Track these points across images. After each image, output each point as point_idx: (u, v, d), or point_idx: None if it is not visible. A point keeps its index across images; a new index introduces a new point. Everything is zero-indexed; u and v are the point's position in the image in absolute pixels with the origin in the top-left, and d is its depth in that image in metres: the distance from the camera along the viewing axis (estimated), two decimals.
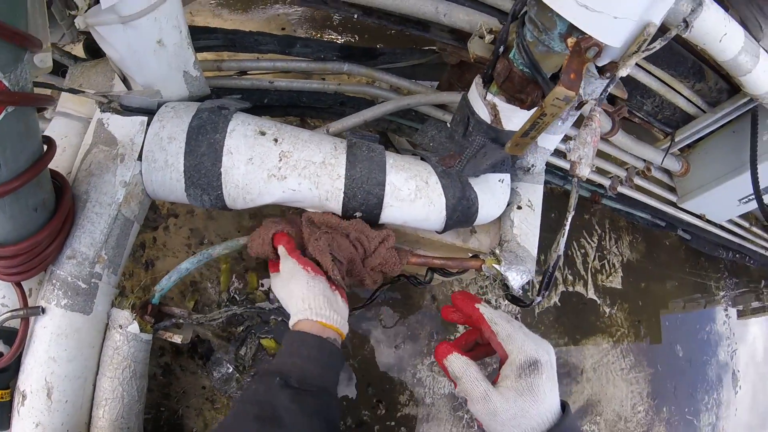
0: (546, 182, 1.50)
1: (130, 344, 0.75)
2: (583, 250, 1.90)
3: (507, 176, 0.89)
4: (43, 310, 0.72)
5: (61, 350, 0.71)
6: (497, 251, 0.88)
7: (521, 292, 0.93)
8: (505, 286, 0.91)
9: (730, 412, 2.46)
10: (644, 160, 1.47)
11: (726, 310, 2.57)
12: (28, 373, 0.71)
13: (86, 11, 0.68)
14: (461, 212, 0.81)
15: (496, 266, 0.87)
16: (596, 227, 1.97)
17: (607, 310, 1.92)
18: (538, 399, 0.53)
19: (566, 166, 1.41)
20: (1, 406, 0.72)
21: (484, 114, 0.77)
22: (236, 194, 0.78)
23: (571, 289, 1.82)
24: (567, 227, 0.73)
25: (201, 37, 1.00)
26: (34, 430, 0.69)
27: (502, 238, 0.95)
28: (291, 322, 0.69)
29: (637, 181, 1.53)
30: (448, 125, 0.87)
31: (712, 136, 1.50)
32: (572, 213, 0.74)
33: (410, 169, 0.79)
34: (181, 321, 0.79)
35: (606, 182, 1.52)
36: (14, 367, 0.73)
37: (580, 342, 1.81)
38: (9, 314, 0.71)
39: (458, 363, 0.57)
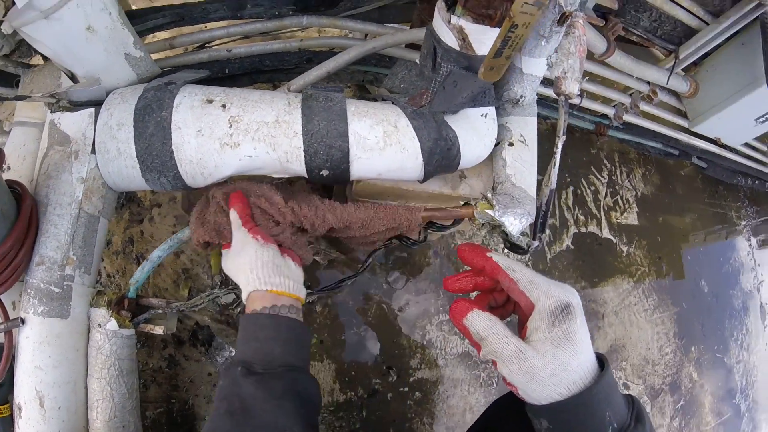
0: (544, 117, 1.36)
1: (111, 342, 0.70)
2: (593, 187, 1.71)
3: (491, 110, 0.76)
4: (23, 321, 0.68)
5: (46, 358, 0.67)
6: (489, 195, 0.77)
7: (521, 238, 0.82)
8: (504, 233, 0.80)
9: (760, 345, 2.27)
10: (648, 83, 1.30)
11: (749, 240, 2.34)
12: (20, 385, 0.68)
13: (4, 15, 0.63)
14: (440, 155, 0.69)
15: (489, 211, 0.75)
16: (605, 161, 1.76)
17: (625, 248, 1.74)
18: (577, 348, 0.44)
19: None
20: (2, 421, 0.70)
21: (451, 40, 0.64)
22: (193, 171, 0.69)
23: (584, 229, 1.64)
24: (558, 155, 0.61)
25: (148, 18, 0.89)
26: None
27: (495, 180, 0.83)
28: (243, 297, 0.63)
29: (644, 107, 1.36)
30: (418, 62, 0.75)
31: (719, 51, 1.30)
32: (562, 138, 0.61)
33: (375, 115, 0.68)
34: (160, 311, 0.72)
35: (610, 111, 1.35)
36: (8, 382, 0.70)
37: (599, 285, 1.65)
38: None
39: (481, 320, 0.47)
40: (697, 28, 1.18)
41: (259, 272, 0.61)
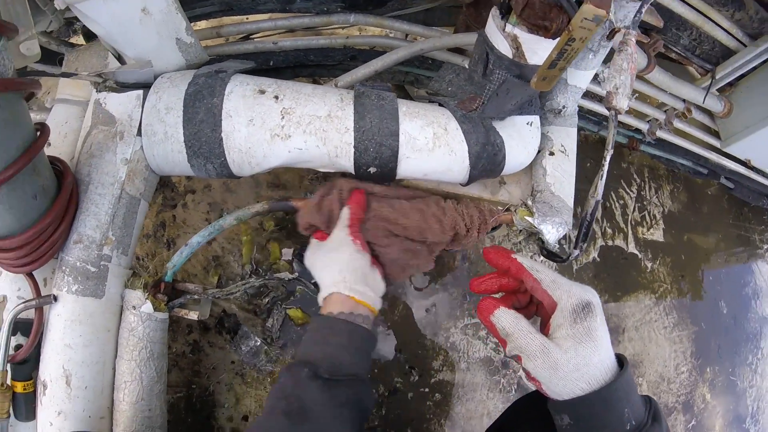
0: (579, 129, 1.34)
1: (145, 324, 0.69)
2: (621, 201, 1.68)
3: (536, 118, 0.75)
4: (56, 298, 0.67)
5: (77, 336, 0.67)
6: (529, 202, 0.76)
7: (557, 246, 0.81)
8: (540, 240, 0.79)
9: None
10: (684, 101, 1.28)
11: None
12: (47, 362, 0.67)
13: None
14: (486, 160, 0.68)
15: (529, 218, 0.74)
16: (635, 176, 1.73)
17: (649, 264, 1.70)
18: (598, 344, 0.46)
19: (601, 109, 1.24)
20: (25, 397, 0.68)
21: (505, 48, 0.64)
22: (240, 159, 0.68)
23: (610, 243, 1.62)
24: (606, 167, 0.60)
25: (196, 5, 0.90)
26: (57, 419, 0.65)
27: (534, 188, 0.82)
28: (321, 295, 0.63)
29: (677, 124, 1.34)
30: (467, 67, 0.74)
31: (755, 73, 1.29)
32: (610, 151, 0.61)
33: (426, 116, 0.67)
34: (195, 297, 0.72)
35: (644, 126, 1.34)
36: (35, 358, 0.69)
37: (622, 299, 1.63)
38: (23, 305, 0.67)
39: (508, 317, 0.49)
40: (735, 49, 1.18)
41: (348, 276, 0.61)
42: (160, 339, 0.71)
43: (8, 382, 0.67)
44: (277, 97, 0.67)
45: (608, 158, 0.62)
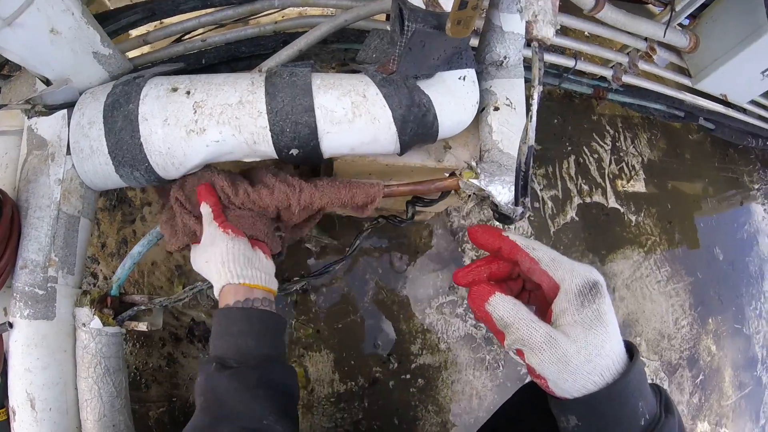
0: (549, 86, 1.27)
1: (96, 340, 0.67)
2: (596, 155, 1.58)
3: (470, 72, 0.69)
4: (11, 325, 0.66)
5: (34, 360, 0.65)
6: (473, 163, 0.70)
7: (519, 208, 0.75)
8: (495, 204, 0.74)
9: None
10: (645, 39, 1.20)
11: (764, 204, 2.18)
12: (12, 388, 0.66)
13: None
14: (414, 123, 0.63)
15: (475, 181, 0.69)
16: (607, 127, 1.63)
17: (633, 218, 1.61)
18: (609, 330, 0.38)
19: (557, 60, 1.17)
20: (1, 425, 0.68)
21: None
22: (163, 162, 0.64)
23: (588, 200, 1.53)
24: (534, 108, 0.54)
25: (120, 17, 0.86)
26: None
27: (481, 148, 0.76)
28: (216, 292, 0.60)
29: (643, 66, 1.26)
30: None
31: (717, 0, 1.21)
32: (538, 88, 0.54)
33: (342, 86, 0.61)
34: (143, 307, 0.69)
35: (607, 73, 1.26)
36: (4, 386, 0.68)
37: (608, 258, 1.53)
38: None
39: (506, 305, 0.40)
40: None
41: (231, 266, 0.59)
42: (114, 353, 0.68)
43: None
44: (188, 92, 0.63)
45: (536, 96, 0.56)
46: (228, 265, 0.58)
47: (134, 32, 0.97)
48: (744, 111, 1.59)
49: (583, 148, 1.55)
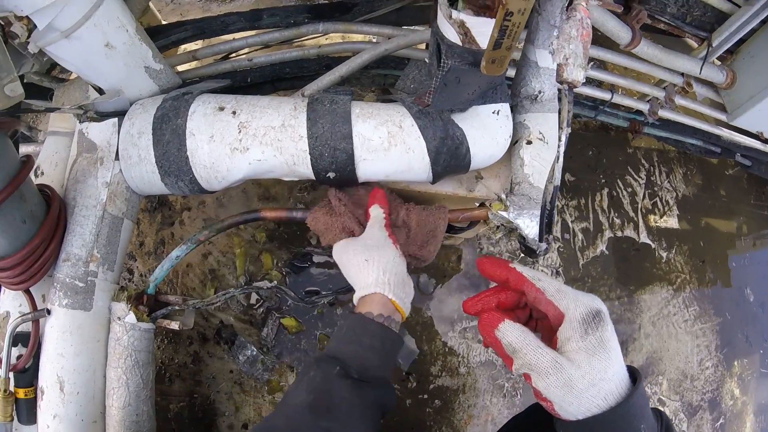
0: (576, 115, 1.27)
1: (129, 334, 0.71)
2: (629, 189, 1.56)
3: (504, 106, 0.71)
4: (49, 312, 0.72)
5: (68, 346, 0.70)
6: (503, 195, 0.72)
7: (543, 244, 0.75)
8: (522, 236, 0.75)
9: None
10: (682, 75, 1.19)
11: None
12: (43, 370, 0.71)
13: (28, 37, 0.65)
14: (448, 154, 0.65)
15: (503, 213, 0.70)
16: (643, 161, 1.60)
17: (664, 254, 1.57)
18: (612, 356, 0.41)
19: (593, 93, 1.17)
20: (27, 402, 0.73)
21: (453, 35, 0.61)
22: (207, 175, 0.69)
23: (619, 234, 1.50)
24: (561, 148, 0.55)
25: (171, 33, 0.92)
26: (52, 422, 0.69)
27: (512, 180, 0.77)
28: (359, 294, 0.60)
29: (679, 101, 1.24)
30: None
31: (755, 36, 1.14)
32: (566, 130, 0.56)
33: (379, 116, 0.64)
34: (176, 308, 0.73)
35: (644, 107, 1.25)
36: (35, 367, 0.73)
37: (635, 293, 1.50)
38: (20, 319, 0.71)
39: (515, 332, 0.43)
40: (728, 12, 1.05)
41: (391, 278, 0.58)
42: (145, 348, 0.72)
43: (11, 389, 0.71)
44: (234, 112, 0.67)
45: (563, 138, 0.57)
46: (389, 275, 0.58)
47: (183, 47, 1.03)
48: None
49: (617, 181, 1.53)
